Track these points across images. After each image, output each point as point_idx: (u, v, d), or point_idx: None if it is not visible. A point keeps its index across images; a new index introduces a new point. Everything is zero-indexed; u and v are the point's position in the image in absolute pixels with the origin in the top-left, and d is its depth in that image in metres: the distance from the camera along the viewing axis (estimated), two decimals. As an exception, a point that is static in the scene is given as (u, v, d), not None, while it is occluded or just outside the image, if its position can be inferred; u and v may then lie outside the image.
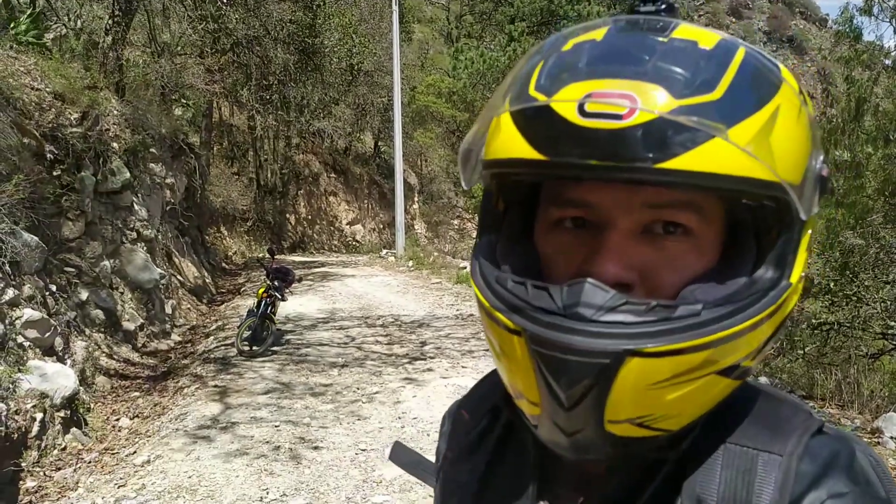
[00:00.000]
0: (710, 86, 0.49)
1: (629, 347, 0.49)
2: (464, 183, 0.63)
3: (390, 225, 22.23)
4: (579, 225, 0.57)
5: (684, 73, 0.50)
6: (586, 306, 0.51)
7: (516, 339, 0.54)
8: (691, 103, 0.48)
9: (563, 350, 0.50)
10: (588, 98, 0.49)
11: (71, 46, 9.83)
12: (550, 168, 0.52)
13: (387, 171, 24.74)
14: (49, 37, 9.66)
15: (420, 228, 25.39)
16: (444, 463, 0.75)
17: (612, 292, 0.51)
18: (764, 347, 0.56)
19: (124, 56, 10.08)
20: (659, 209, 0.54)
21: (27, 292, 5.36)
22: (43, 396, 4.67)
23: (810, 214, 0.53)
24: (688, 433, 0.57)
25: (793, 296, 0.55)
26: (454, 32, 36.81)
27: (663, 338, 0.50)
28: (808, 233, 0.56)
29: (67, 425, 4.86)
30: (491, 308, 0.56)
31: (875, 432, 5.27)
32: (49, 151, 6.40)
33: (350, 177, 25.04)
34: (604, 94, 0.49)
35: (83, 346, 5.97)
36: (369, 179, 25.74)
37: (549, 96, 0.51)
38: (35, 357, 5.03)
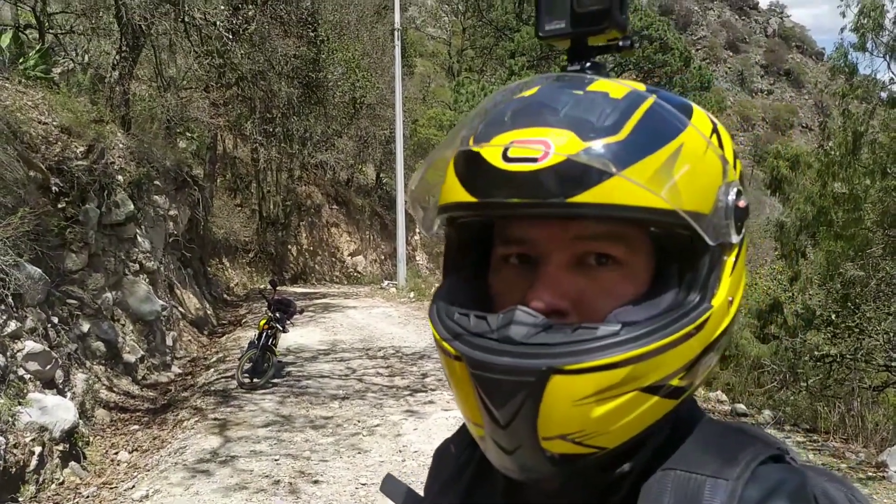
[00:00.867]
0: (616, 129, 0.56)
1: (551, 365, 0.54)
2: (423, 228, 0.69)
3: (392, 256, 22.27)
4: (524, 261, 0.63)
5: (593, 120, 0.56)
6: (516, 330, 0.56)
7: (458, 365, 0.59)
8: (598, 144, 0.55)
9: (494, 370, 0.56)
10: (510, 145, 0.56)
11: (78, 81, 9.99)
12: (481, 209, 0.59)
13: (388, 203, 24.86)
14: (57, 71, 9.83)
15: (422, 260, 25.43)
16: (429, 495, 0.80)
17: (540, 317, 0.57)
18: (697, 367, 0.59)
19: (131, 90, 10.24)
20: (588, 241, 0.59)
21: (29, 324, 5.37)
22: (42, 430, 4.65)
23: (720, 241, 0.59)
24: (634, 453, 0.60)
25: (721, 317, 0.60)
26: (455, 66, 37.33)
27: (582, 356, 0.54)
28: (732, 259, 0.61)
29: (66, 459, 4.83)
30: (439, 338, 0.62)
31: (880, 466, 5.22)
32: (54, 184, 6.47)
33: (352, 208, 25.16)
34: (523, 141, 0.56)
35: (83, 379, 5.96)
36: (371, 211, 25.86)
37: (482, 146, 0.58)
38: (35, 390, 5.02)
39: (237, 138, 20.19)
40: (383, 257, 25.37)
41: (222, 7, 11.08)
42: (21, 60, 8.46)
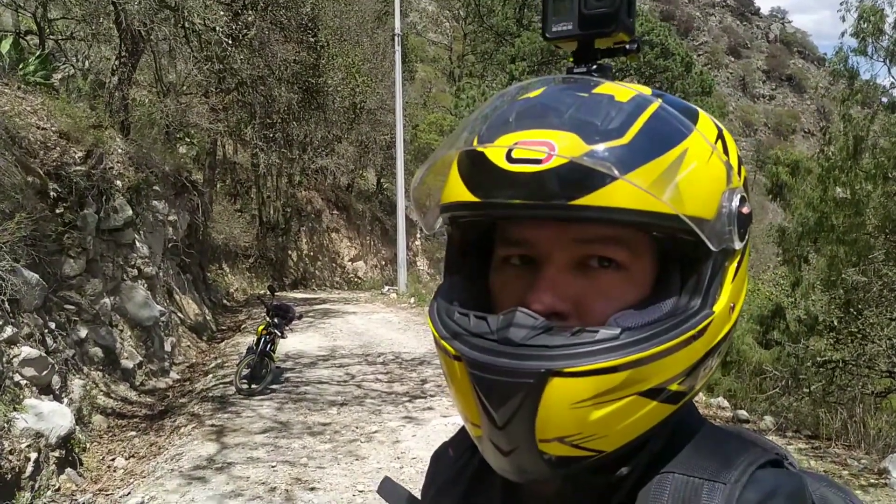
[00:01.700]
0: (621, 132, 0.56)
1: (550, 367, 0.54)
2: (424, 227, 0.70)
3: (392, 261, 22.25)
4: (525, 262, 0.62)
5: (597, 123, 0.56)
6: (516, 331, 0.56)
7: (457, 365, 0.59)
8: (602, 147, 0.55)
9: (493, 371, 0.56)
10: (514, 146, 0.56)
11: (78, 86, 10.00)
12: (483, 209, 0.60)
13: (389, 208, 24.87)
14: (57, 77, 9.84)
15: (422, 265, 25.41)
16: (426, 498, 0.80)
17: (541, 319, 0.56)
18: (696, 372, 0.59)
19: (130, 96, 10.24)
20: (589, 244, 0.59)
21: (26, 330, 5.34)
22: (38, 436, 4.62)
23: (723, 247, 0.58)
24: (631, 457, 0.60)
25: (722, 323, 0.60)
26: (456, 72, 37.42)
27: (582, 359, 0.54)
28: (735, 265, 0.61)
29: (62, 465, 4.80)
30: (438, 337, 0.62)
31: (882, 473, 5.17)
32: (52, 189, 6.45)
33: (352, 213, 25.17)
34: (527, 143, 0.56)
35: (81, 385, 5.93)
36: (372, 216, 25.86)
37: (486, 147, 0.58)
38: (32, 395, 4.99)
39: (237, 143, 20.21)
40: (384, 262, 25.35)
41: (222, 13, 11.09)
42: (21, 66, 8.46)
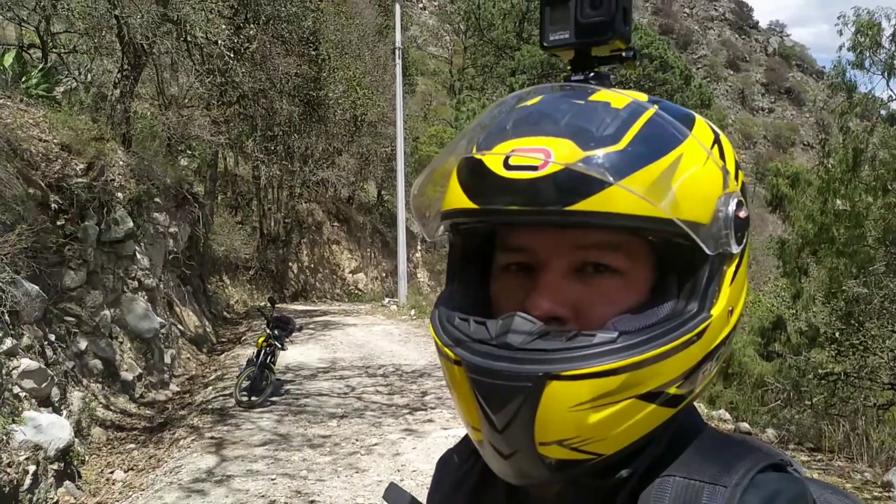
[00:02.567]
0: (616, 138, 0.56)
1: (548, 371, 0.54)
2: (426, 235, 0.71)
3: (393, 273, 22.24)
4: (524, 269, 0.63)
5: (593, 129, 0.57)
6: (514, 336, 0.57)
7: (457, 370, 0.60)
8: (597, 154, 0.55)
9: (492, 375, 0.56)
10: (511, 153, 0.57)
11: (80, 99, 10.05)
12: (481, 215, 0.61)
13: (390, 220, 24.89)
14: (59, 90, 9.90)
15: (423, 277, 25.39)
16: (432, 503, 0.80)
17: (539, 323, 0.57)
18: (695, 376, 0.59)
19: (132, 108, 10.28)
20: (586, 250, 0.60)
21: (25, 342, 5.33)
22: (37, 448, 4.59)
23: (719, 251, 0.59)
24: (632, 460, 0.60)
25: (720, 327, 0.60)
26: (456, 85, 37.57)
27: (580, 362, 0.55)
28: (733, 269, 0.61)
29: (61, 478, 4.77)
30: (440, 343, 0.63)
31: (886, 486, 5.14)
32: (54, 201, 6.47)
33: (353, 226, 25.19)
34: (523, 150, 0.57)
35: (80, 397, 5.91)
36: (372, 228, 25.88)
37: (484, 154, 0.59)
38: (31, 408, 4.97)
39: (238, 156, 20.27)
40: (384, 275, 25.34)
41: (224, 26, 11.16)
42: (24, 79, 8.51)
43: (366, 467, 5.31)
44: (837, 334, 8.98)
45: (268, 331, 7.72)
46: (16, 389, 4.93)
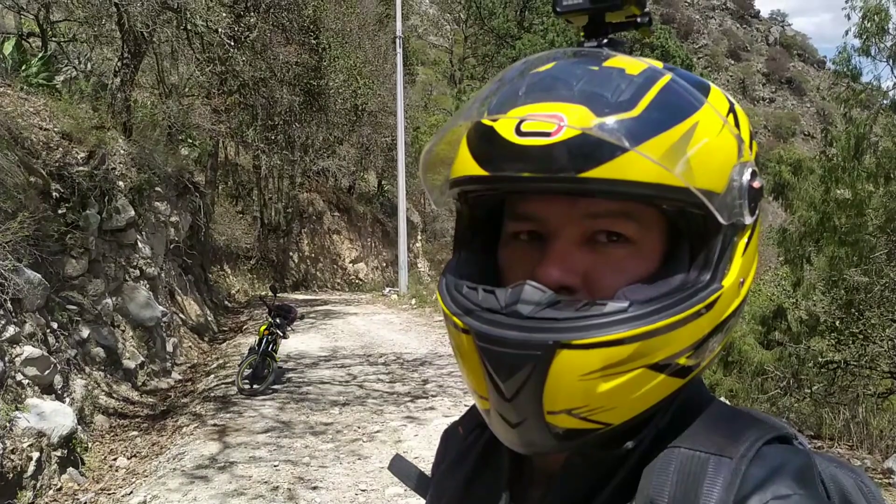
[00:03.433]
0: (631, 105, 0.55)
1: (559, 339, 0.54)
2: (434, 203, 0.71)
3: (393, 263, 22.25)
4: (534, 237, 0.62)
5: (607, 95, 0.56)
6: (524, 305, 0.56)
7: (465, 338, 0.59)
8: (611, 120, 0.54)
9: (501, 344, 0.56)
10: (524, 119, 0.56)
11: (80, 88, 10.02)
12: (492, 182, 0.59)
13: (390, 210, 24.87)
14: (60, 79, 9.86)
15: (423, 266, 25.39)
16: (437, 474, 0.80)
17: (549, 292, 0.56)
18: (705, 346, 0.59)
19: (132, 97, 10.26)
20: (598, 219, 0.59)
21: (28, 330, 5.35)
22: (40, 435, 4.62)
23: (733, 221, 0.58)
24: (637, 431, 0.60)
25: (731, 298, 0.60)
26: (457, 74, 37.46)
27: (591, 331, 0.54)
28: (745, 240, 0.61)
29: (64, 465, 4.80)
30: (448, 312, 0.62)
31: (886, 472, 5.17)
32: (55, 190, 6.46)
33: (354, 215, 25.17)
34: (536, 116, 0.55)
35: (83, 385, 5.93)
36: (373, 218, 25.86)
37: (495, 120, 0.58)
38: (34, 395, 4.99)
39: (239, 145, 20.21)
40: (385, 264, 25.35)
41: (224, 15, 11.11)
42: (24, 68, 8.48)
43: (368, 454, 5.33)
44: (838, 323, 9.00)
45: (269, 319, 7.74)
46: (18, 377, 4.95)
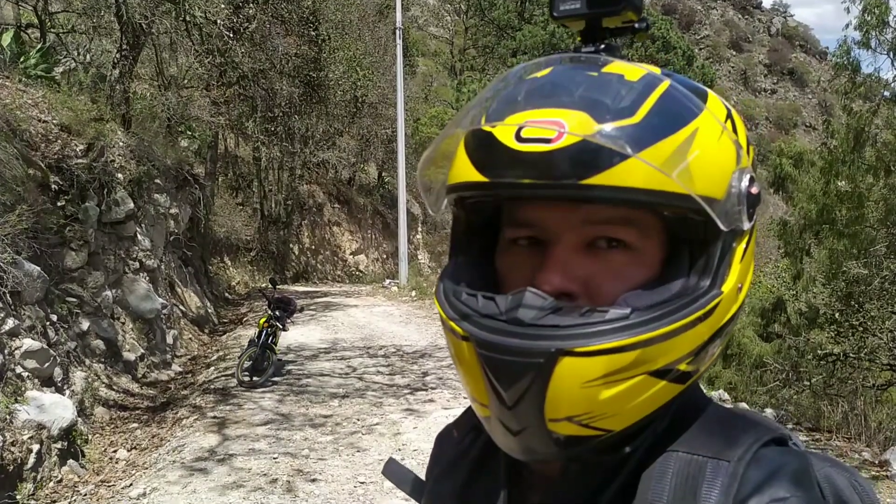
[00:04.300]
0: (631, 111, 0.55)
1: (561, 347, 0.54)
2: (430, 209, 0.70)
3: (394, 255, 22.25)
4: (533, 244, 0.62)
5: (608, 102, 0.56)
6: (525, 311, 0.56)
7: (465, 345, 0.59)
8: (612, 126, 0.54)
9: (503, 351, 0.56)
10: (524, 125, 0.56)
11: (79, 79, 9.99)
12: (492, 188, 0.59)
13: (390, 202, 24.84)
14: (58, 70, 9.83)
15: (423, 258, 25.39)
16: (431, 479, 0.80)
17: (550, 299, 0.56)
18: (704, 352, 0.59)
19: (131, 89, 10.22)
20: (598, 226, 0.59)
21: (27, 322, 5.35)
22: (40, 427, 4.63)
23: (732, 227, 0.58)
24: (636, 436, 0.60)
25: (730, 304, 0.60)
26: (457, 66, 37.34)
27: (593, 338, 0.54)
28: (743, 246, 0.61)
29: (64, 457, 4.82)
30: (446, 318, 0.62)
31: (883, 465, 5.19)
32: (54, 182, 6.46)
33: (354, 207, 25.14)
34: (537, 122, 0.55)
35: (83, 377, 5.95)
36: (373, 210, 25.84)
37: (494, 126, 0.58)
38: (33, 387, 5.00)
39: (239, 137, 20.17)
40: (385, 256, 25.35)
41: (223, 6, 11.05)
42: (22, 59, 8.45)
43: (367, 447, 5.35)
44: (837, 315, 9.01)
45: (269, 312, 7.75)
46: (18, 369, 4.96)
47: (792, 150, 10.45)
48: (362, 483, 4.58)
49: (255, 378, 7.16)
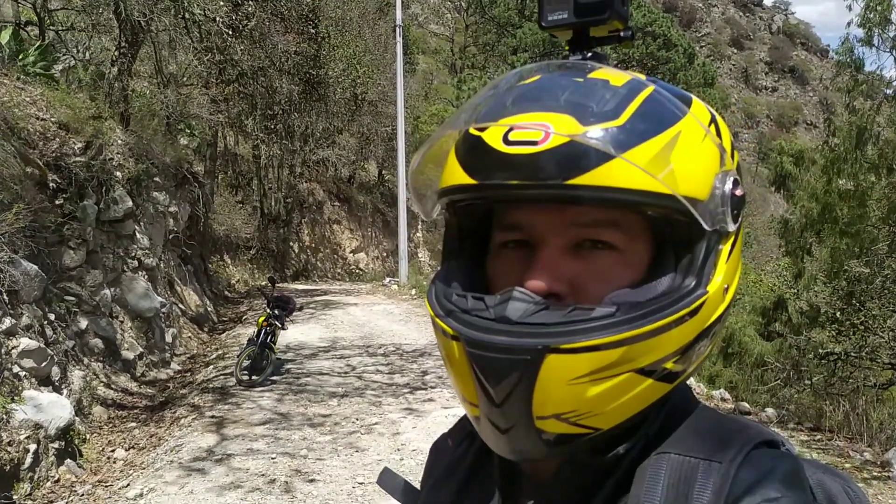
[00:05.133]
0: (616, 114, 0.57)
1: (547, 344, 0.55)
2: (422, 214, 0.71)
3: (394, 253, 22.23)
4: (522, 247, 0.63)
5: (593, 105, 0.58)
6: (513, 310, 0.57)
7: (455, 344, 0.60)
8: (597, 128, 0.56)
9: (490, 349, 0.57)
10: (511, 128, 0.58)
11: (78, 77, 9.95)
12: (481, 191, 0.61)
13: (390, 200, 24.81)
14: (57, 68, 9.79)
15: (423, 256, 25.37)
16: (426, 488, 0.81)
17: (538, 298, 0.58)
18: (691, 352, 0.60)
19: (130, 86, 10.19)
20: (585, 228, 0.60)
21: (25, 321, 5.33)
22: (37, 427, 4.61)
23: (717, 227, 0.59)
24: (627, 437, 0.61)
25: (716, 304, 0.61)
26: (458, 63, 37.29)
27: (579, 335, 0.55)
28: (728, 247, 0.62)
29: (61, 457, 4.79)
30: (436, 317, 0.63)
31: (885, 465, 5.16)
32: (52, 180, 6.43)
33: (354, 205, 25.12)
34: (524, 125, 0.57)
35: (81, 376, 5.92)
36: (373, 208, 25.81)
37: (483, 130, 0.60)
38: (31, 387, 4.98)
39: (238, 135, 20.15)
40: (385, 254, 25.33)
41: (222, 3, 11.01)
42: (21, 57, 8.41)
43: (366, 446, 5.33)
44: (838, 314, 8.99)
45: (268, 310, 7.72)
46: (15, 369, 4.94)
47: (793, 149, 10.42)
48: (361, 484, 4.56)
49: (254, 377, 7.14)
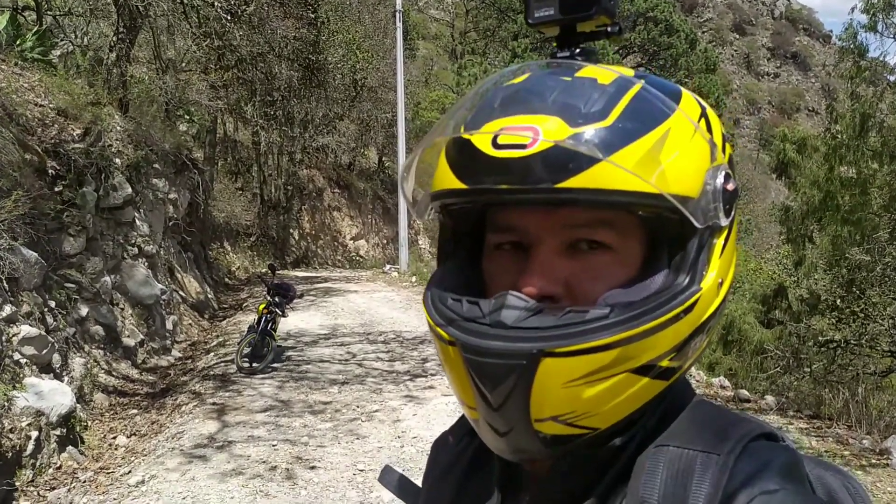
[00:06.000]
0: (603, 115, 0.57)
1: (542, 348, 0.55)
2: (416, 216, 0.71)
3: (394, 240, 22.21)
4: (516, 248, 0.64)
5: (580, 106, 0.57)
6: (507, 315, 0.57)
7: (451, 350, 0.60)
8: (585, 130, 0.56)
9: (486, 354, 0.57)
10: (500, 132, 0.58)
11: (76, 63, 9.88)
12: (471, 195, 0.61)
13: (391, 187, 24.78)
14: (55, 53, 9.72)
15: (424, 244, 25.36)
16: (427, 484, 0.82)
17: (532, 301, 0.58)
18: (687, 348, 0.60)
19: (129, 72, 10.12)
20: (577, 228, 0.60)
21: (25, 308, 5.32)
22: (39, 414, 4.62)
23: (709, 223, 0.59)
24: (622, 432, 0.61)
25: (710, 299, 0.60)
26: (458, 49, 37.08)
27: (573, 339, 0.55)
28: (722, 241, 0.62)
29: (63, 444, 4.81)
30: (433, 324, 0.63)
31: (883, 453, 5.17)
32: (51, 167, 6.40)
33: (354, 192, 25.06)
34: (512, 128, 0.57)
35: (82, 363, 5.93)
36: (373, 195, 25.75)
37: (472, 134, 0.60)
38: (32, 374, 4.98)
39: (238, 121, 20.06)
40: (385, 241, 25.31)
41: (221, -13, 10.90)
42: (18, 42, 8.35)
43: (366, 434, 5.34)
44: (838, 302, 8.99)
45: (268, 298, 7.72)
46: (16, 356, 4.94)
47: (795, 136, 10.37)
48: (362, 471, 4.57)
49: (255, 364, 7.15)
